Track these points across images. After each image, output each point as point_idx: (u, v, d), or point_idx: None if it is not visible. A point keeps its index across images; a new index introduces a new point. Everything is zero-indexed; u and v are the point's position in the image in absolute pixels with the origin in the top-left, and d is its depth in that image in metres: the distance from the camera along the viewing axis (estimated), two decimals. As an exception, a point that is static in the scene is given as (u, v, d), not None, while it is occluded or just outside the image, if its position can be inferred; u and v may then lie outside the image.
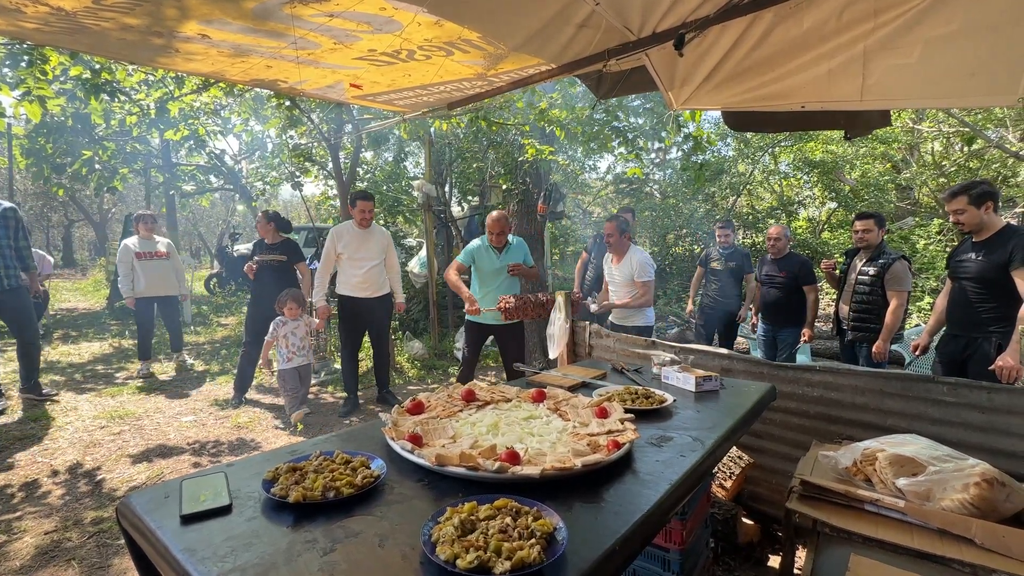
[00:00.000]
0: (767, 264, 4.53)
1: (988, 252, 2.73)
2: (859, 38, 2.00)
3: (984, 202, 2.73)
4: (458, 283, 3.70)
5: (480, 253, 3.75)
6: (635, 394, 1.75)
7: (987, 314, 2.75)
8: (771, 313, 4.48)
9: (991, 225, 2.75)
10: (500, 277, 3.69)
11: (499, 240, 3.69)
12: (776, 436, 2.60)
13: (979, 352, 2.76)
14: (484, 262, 3.74)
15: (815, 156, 11.80)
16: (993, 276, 2.69)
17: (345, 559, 0.84)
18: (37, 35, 2.17)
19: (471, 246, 3.79)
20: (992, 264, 2.70)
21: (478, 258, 3.76)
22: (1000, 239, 2.72)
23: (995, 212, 2.75)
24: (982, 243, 2.78)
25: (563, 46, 2.41)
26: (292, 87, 2.99)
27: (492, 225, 3.64)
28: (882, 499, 1.54)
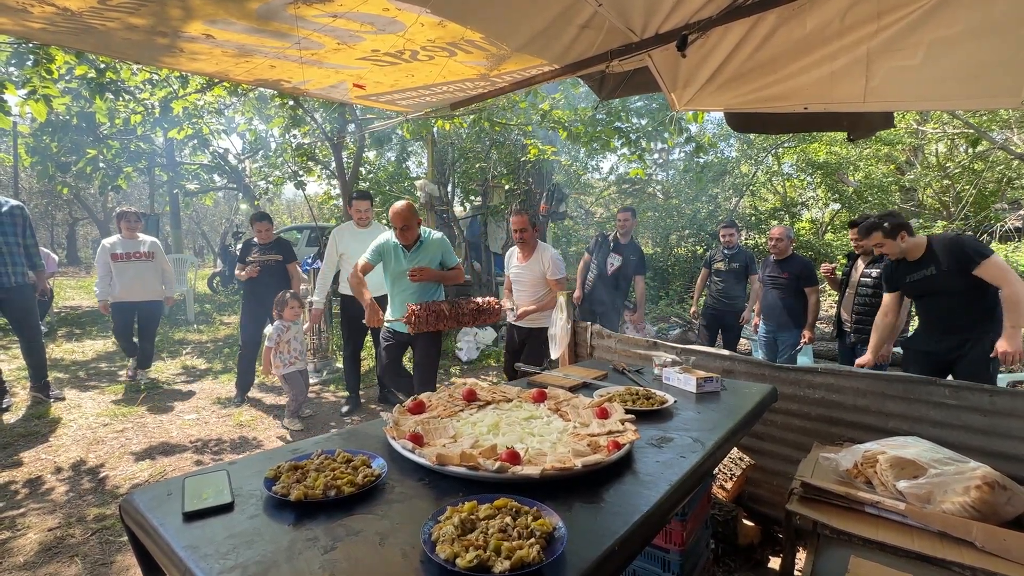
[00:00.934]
0: (769, 265, 4.52)
1: (938, 266, 2.77)
2: (862, 40, 2.00)
3: (898, 233, 2.81)
4: (359, 286, 3.18)
5: (387, 251, 3.21)
6: (636, 395, 1.75)
7: (972, 316, 2.77)
8: (772, 314, 4.48)
9: (916, 245, 2.82)
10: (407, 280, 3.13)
11: (405, 237, 3.11)
12: (777, 438, 2.60)
13: (973, 351, 2.78)
14: (391, 262, 3.22)
15: (818, 157, 11.78)
16: (959, 286, 2.72)
17: (346, 557, 0.85)
18: (43, 35, 2.18)
19: (379, 242, 3.25)
20: (952, 275, 2.73)
21: (385, 257, 3.23)
22: (938, 251, 2.77)
23: (911, 235, 2.81)
24: (921, 260, 2.83)
25: (566, 47, 2.41)
26: (296, 87, 3.00)
27: (394, 219, 3.06)
28: (883, 501, 1.54)
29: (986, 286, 2.67)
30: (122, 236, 4.90)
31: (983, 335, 2.74)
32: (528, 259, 3.64)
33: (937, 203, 11.16)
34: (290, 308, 3.98)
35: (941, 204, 10.97)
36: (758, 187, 13.69)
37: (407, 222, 3.05)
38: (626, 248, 5.03)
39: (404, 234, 3.12)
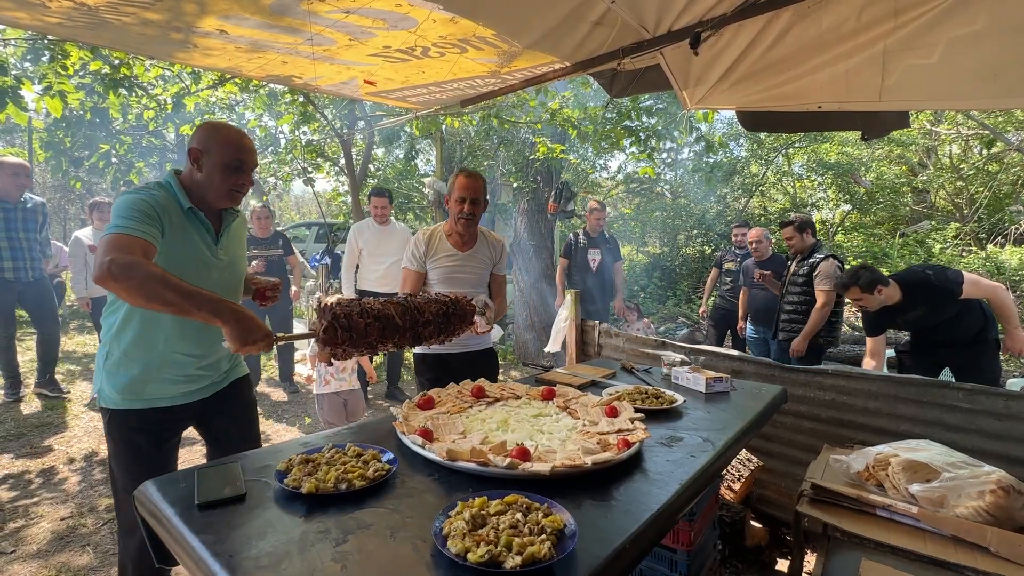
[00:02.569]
0: (750, 267, 4.52)
1: (927, 306, 2.83)
2: (879, 38, 1.97)
3: (875, 287, 2.84)
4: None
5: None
6: (645, 394, 1.75)
7: (970, 326, 2.85)
8: (759, 316, 4.48)
9: (891, 296, 2.86)
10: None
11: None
12: (786, 439, 2.58)
13: (971, 349, 2.87)
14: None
15: (830, 158, 11.66)
16: (950, 312, 2.80)
17: (358, 550, 0.85)
18: (60, 29, 2.20)
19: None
20: (941, 309, 2.81)
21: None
22: (917, 293, 2.83)
23: (886, 286, 2.85)
24: (905, 304, 2.87)
25: (577, 44, 2.40)
26: (307, 83, 3.01)
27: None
28: (894, 504, 1.52)
29: (973, 310, 2.81)
30: (94, 228, 4.63)
31: (984, 336, 2.84)
32: (471, 248, 2.41)
33: (950, 205, 11.02)
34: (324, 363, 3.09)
35: (954, 206, 10.83)
36: (768, 187, 13.58)
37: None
38: (600, 240, 5.04)
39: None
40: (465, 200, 2.28)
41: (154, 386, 1.57)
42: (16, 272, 4.06)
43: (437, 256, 2.37)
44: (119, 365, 1.55)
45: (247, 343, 1.27)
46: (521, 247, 6.78)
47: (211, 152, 1.53)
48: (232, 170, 1.54)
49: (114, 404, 1.56)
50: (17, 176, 3.96)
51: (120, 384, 1.55)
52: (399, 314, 1.47)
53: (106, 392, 1.57)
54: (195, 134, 1.57)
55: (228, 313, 1.26)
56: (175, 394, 1.61)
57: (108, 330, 1.58)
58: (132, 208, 1.40)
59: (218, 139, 1.53)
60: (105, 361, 1.57)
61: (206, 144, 1.53)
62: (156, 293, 1.24)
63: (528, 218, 6.75)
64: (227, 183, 1.55)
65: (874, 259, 9.86)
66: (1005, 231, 9.22)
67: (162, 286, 1.24)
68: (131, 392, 1.55)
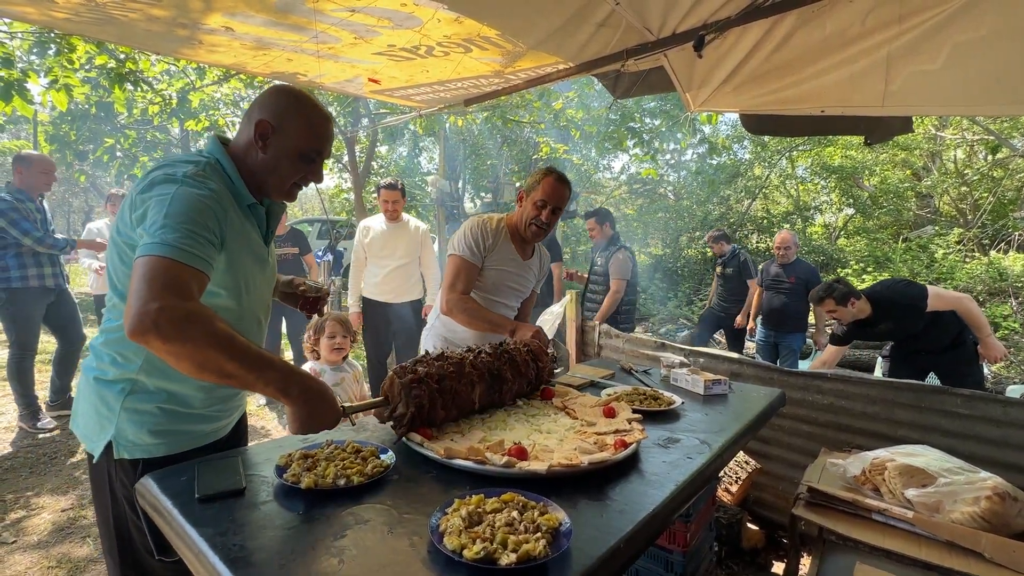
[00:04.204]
0: (772, 269, 4.54)
1: (895, 319, 2.92)
2: (883, 43, 1.97)
3: (848, 300, 2.92)
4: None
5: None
6: (643, 395, 1.75)
7: (943, 336, 2.93)
8: (773, 318, 4.49)
9: (863, 310, 2.95)
10: None
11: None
12: (784, 443, 2.58)
13: (954, 358, 2.96)
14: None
15: (833, 161, 11.64)
16: (920, 325, 2.88)
17: (355, 544, 0.86)
18: (67, 24, 2.22)
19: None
20: (909, 321, 2.89)
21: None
22: (886, 307, 2.92)
23: (858, 299, 2.94)
24: (876, 318, 2.95)
25: (581, 45, 2.41)
26: (311, 80, 3.02)
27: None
28: (890, 509, 1.53)
29: (948, 322, 2.88)
30: (109, 221, 4.54)
31: (962, 340, 2.92)
32: (530, 257, 2.23)
33: (954, 210, 10.99)
34: (332, 344, 2.51)
35: (958, 211, 10.80)
36: (771, 190, 13.57)
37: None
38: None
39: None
40: (547, 206, 1.97)
41: (197, 422, 1.24)
42: (55, 279, 3.64)
43: (500, 256, 2.05)
44: (150, 400, 1.18)
45: (312, 427, 1.05)
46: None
47: (287, 132, 1.18)
48: (307, 161, 1.22)
49: (145, 452, 1.17)
50: (47, 173, 3.62)
51: (152, 424, 1.17)
52: (480, 396, 1.40)
53: (129, 437, 1.16)
54: (267, 101, 1.20)
55: (299, 392, 1.03)
56: (202, 433, 1.27)
57: (127, 354, 1.17)
58: (192, 217, 1.03)
59: (301, 118, 1.19)
60: (127, 396, 1.17)
61: (282, 119, 1.18)
62: (214, 364, 0.95)
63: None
64: (294, 175, 1.23)
65: (877, 263, 9.84)
66: (1008, 237, 9.19)
67: (225, 356, 0.95)
68: (168, 435, 1.19)
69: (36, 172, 3.54)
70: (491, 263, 2.04)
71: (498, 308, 2.11)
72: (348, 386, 2.54)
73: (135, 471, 1.16)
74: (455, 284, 1.99)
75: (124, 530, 1.20)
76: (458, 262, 2.01)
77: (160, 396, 1.18)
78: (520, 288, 2.15)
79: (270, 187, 1.24)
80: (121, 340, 1.16)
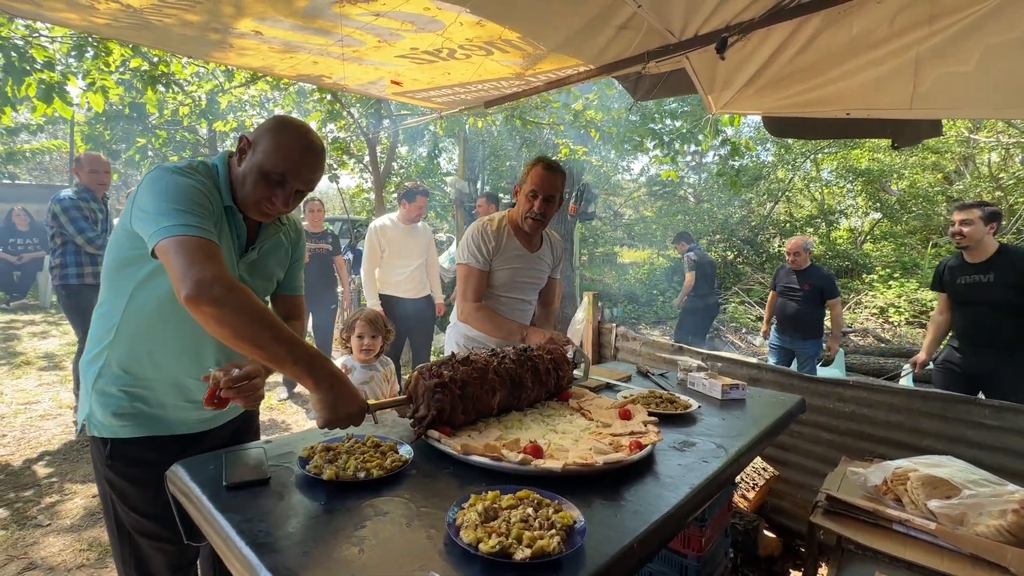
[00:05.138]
0: (785, 275, 4.51)
1: (998, 274, 2.73)
2: (912, 44, 1.93)
3: (992, 221, 2.75)
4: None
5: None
6: (659, 398, 1.75)
7: (1014, 332, 2.71)
8: (788, 324, 4.44)
9: (987, 246, 2.77)
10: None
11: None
12: (803, 450, 2.54)
13: (1008, 369, 2.72)
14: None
15: (860, 164, 11.37)
16: (1011, 299, 2.69)
17: (374, 535, 0.89)
18: (106, 30, 2.31)
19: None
20: (1008, 287, 2.69)
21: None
22: (1003, 261, 2.73)
23: (994, 233, 2.77)
24: (984, 264, 2.78)
25: (602, 47, 2.41)
26: (336, 83, 3.09)
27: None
28: (912, 519, 1.50)
29: None
30: None
31: (1021, 353, 2.69)
32: (539, 248, 2.27)
33: (987, 215, 10.61)
34: (362, 344, 2.50)
35: (992, 217, 10.43)
36: (794, 193, 13.32)
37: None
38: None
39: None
40: (538, 196, 1.94)
41: (163, 410, 1.27)
42: None
43: (506, 254, 2.04)
44: (115, 382, 1.23)
45: (338, 417, 1.08)
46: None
47: (256, 149, 1.23)
48: (270, 181, 1.22)
49: (109, 432, 1.23)
50: (96, 172, 3.65)
51: (115, 406, 1.23)
52: (499, 403, 1.44)
53: (98, 417, 1.23)
54: (262, 124, 1.29)
55: (325, 376, 1.06)
56: (188, 420, 1.32)
57: (101, 335, 1.25)
58: (190, 198, 1.11)
59: (273, 138, 1.22)
60: (97, 378, 1.24)
61: (258, 137, 1.24)
62: (249, 332, 1.01)
63: (548, 219, 6.76)
64: (258, 193, 1.23)
65: (904, 269, 9.58)
66: (1045, 244, 8.85)
67: (264, 326, 1.02)
68: (133, 417, 1.24)
69: (87, 171, 3.63)
70: (499, 263, 2.05)
71: (515, 304, 2.13)
72: (377, 385, 2.54)
73: (106, 448, 1.24)
74: (467, 293, 2.03)
75: (107, 496, 1.29)
76: (465, 271, 2.05)
77: (123, 379, 1.24)
78: (534, 280, 2.15)
79: (240, 200, 1.26)
80: (99, 318, 1.26)
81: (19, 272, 7.75)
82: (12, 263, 7.70)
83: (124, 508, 1.26)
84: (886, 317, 8.62)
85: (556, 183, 1.98)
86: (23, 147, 10.67)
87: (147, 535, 1.27)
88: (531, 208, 1.97)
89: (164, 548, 1.28)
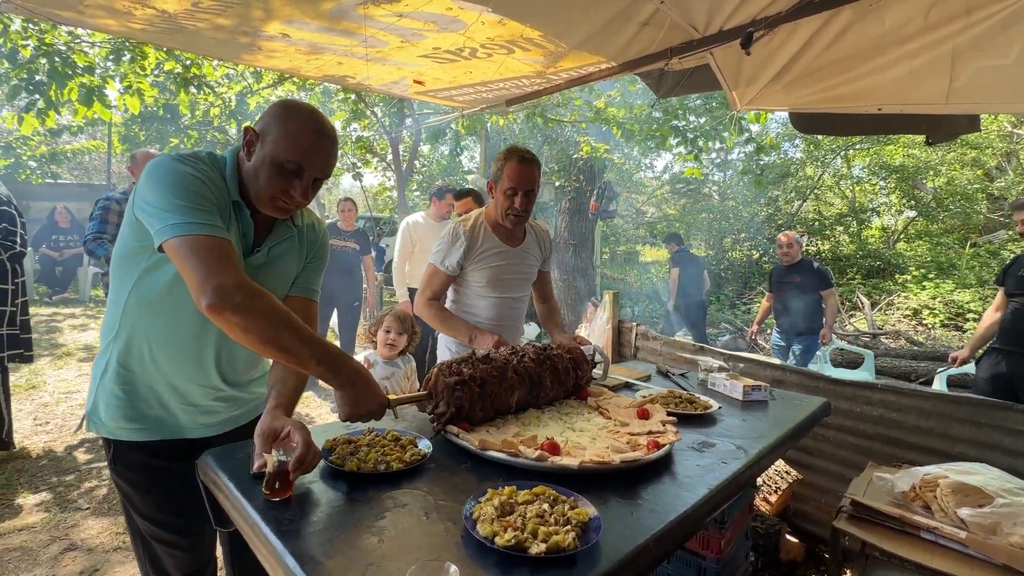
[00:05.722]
0: (779, 271, 4.54)
1: None
2: (948, 37, 1.87)
3: None
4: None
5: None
6: (679, 398, 1.74)
7: None
8: (784, 321, 4.47)
9: None
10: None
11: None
12: (828, 454, 2.49)
13: None
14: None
15: (894, 160, 10.98)
16: None
17: (393, 526, 0.91)
18: (142, 34, 2.40)
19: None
20: None
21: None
22: None
23: None
24: None
25: (624, 44, 2.39)
26: (360, 83, 3.14)
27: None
28: (941, 528, 1.46)
29: None
30: None
31: None
32: (521, 242, 2.15)
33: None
34: (387, 339, 2.55)
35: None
36: (824, 190, 12.94)
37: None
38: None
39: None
40: (517, 193, 1.88)
41: (165, 413, 1.22)
42: None
43: (484, 252, 1.97)
44: (117, 381, 1.18)
45: (359, 412, 1.10)
46: (561, 246, 6.78)
47: (266, 140, 1.13)
48: (285, 173, 1.13)
49: (109, 433, 1.19)
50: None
51: (117, 406, 1.18)
52: (517, 402, 1.44)
53: (100, 416, 1.20)
54: (265, 112, 1.19)
55: (346, 374, 1.07)
56: (194, 425, 1.26)
57: (107, 331, 1.21)
58: (191, 190, 1.04)
59: (281, 127, 1.13)
60: (103, 374, 1.20)
61: (266, 128, 1.14)
62: (274, 337, 0.99)
63: (568, 217, 6.74)
64: (272, 186, 1.14)
65: (940, 270, 9.23)
66: (1094, 244, 8.40)
67: (284, 330, 1.00)
68: (135, 420, 1.19)
69: (138, 170, 3.58)
70: (478, 263, 1.98)
71: (507, 304, 2.09)
72: (397, 382, 2.57)
73: (110, 450, 1.22)
74: (425, 290, 2.04)
75: (125, 504, 1.28)
76: (431, 269, 2.04)
77: (123, 376, 1.19)
78: (522, 275, 2.09)
79: (253, 197, 1.18)
80: (107, 315, 1.22)
81: (61, 267, 8.10)
82: (54, 259, 8.06)
83: (132, 509, 1.25)
84: (919, 319, 8.33)
85: (534, 175, 1.92)
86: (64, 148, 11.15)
87: (156, 539, 1.25)
88: (512, 205, 1.90)
89: (173, 553, 1.26)
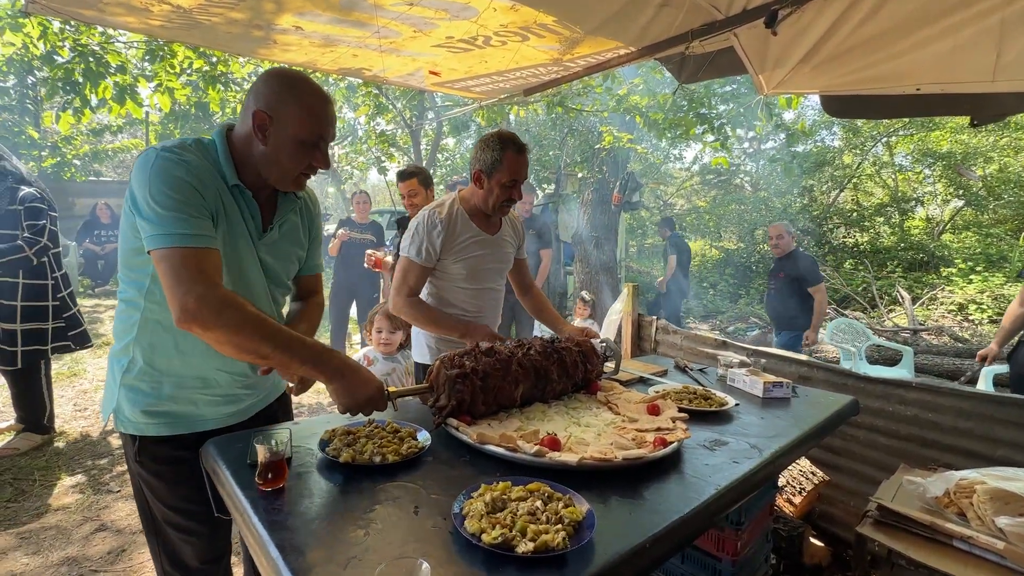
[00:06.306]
0: (771, 264, 4.45)
1: None
2: (995, 8, 1.72)
3: None
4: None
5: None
6: (693, 394, 1.67)
7: None
8: (771, 315, 4.36)
9: None
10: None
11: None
12: (857, 455, 2.37)
13: None
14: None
15: (941, 147, 10.38)
16: None
17: (381, 519, 0.90)
18: (161, 31, 2.45)
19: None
20: None
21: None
22: None
23: None
24: None
25: (642, 28, 2.30)
26: (376, 75, 3.14)
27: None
28: (976, 537, 1.36)
29: None
30: None
31: None
32: (498, 229, 2.04)
33: (1093, 202, 9.45)
34: (381, 336, 2.58)
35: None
36: (863, 179, 12.36)
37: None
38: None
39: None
40: (516, 184, 1.84)
41: (191, 406, 1.22)
42: None
43: (462, 242, 1.88)
44: (142, 378, 1.18)
45: (357, 402, 1.10)
46: (583, 238, 6.69)
47: (284, 121, 1.12)
48: (308, 148, 1.15)
49: (136, 430, 1.19)
50: None
51: (144, 403, 1.18)
52: (521, 395, 1.40)
53: (126, 413, 1.20)
54: (262, 89, 1.14)
55: (334, 366, 1.08)
56: (218, 416, 1.27)
57: (125, 329, 1.19)
58: (176, 198, 1.03)
59: (297, 105, 1.12)
60: (124, 372, 1.19)
61: (278, 108, 1.12)
62: (250, 345, 1.02)
63: (591, 209, 6.63)
64: (297, 164, 1.16)
65: (989, 263, 8.70)
66: None
67: (259, 337, 1.02)
68: (162, 415, 1.20)
69: None
70: (456, 254, 1.89)
71: (487, 295, 2.02)
72: (399, 377, 2.59)
73: (135, 445, 1.21)
74: (401, 288, 1.89)
75: (138, 489, 1.27)
76: (406, 264, 1.88)
77: (151, 374, 1.18)
78: (500, 264, 2.02)
79: (275, 179, 1.19)
80: (122, 312, 1.20)
81: (102, 261, 8.48)
82: (97, 253, 8.44)
83: (154, 499, 1.25)
84: (965, 315, 7.88)
85: (527, 163, 1.89)
86: (106, 147, 11.64)
87: (176, 527, 1.26)
88: (511, 197, 1.86)
89: (192, 541, 1.27)
